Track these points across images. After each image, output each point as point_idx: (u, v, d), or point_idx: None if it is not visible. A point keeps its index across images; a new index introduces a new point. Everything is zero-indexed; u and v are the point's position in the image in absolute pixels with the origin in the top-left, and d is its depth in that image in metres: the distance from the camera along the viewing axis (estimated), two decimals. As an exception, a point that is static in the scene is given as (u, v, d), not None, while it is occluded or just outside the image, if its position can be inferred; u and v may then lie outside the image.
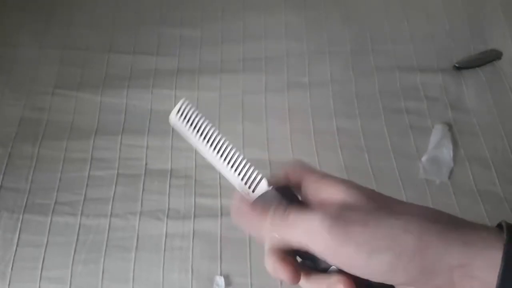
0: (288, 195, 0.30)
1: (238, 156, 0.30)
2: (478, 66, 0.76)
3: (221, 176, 0.65)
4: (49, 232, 0.61)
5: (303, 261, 0.30)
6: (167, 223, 0.61)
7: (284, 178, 0.31)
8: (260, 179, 0.30)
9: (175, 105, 0.78)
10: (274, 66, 0.77)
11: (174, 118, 0.32)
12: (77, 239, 0.60)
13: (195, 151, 0.67)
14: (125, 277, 0.58)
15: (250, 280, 0.57)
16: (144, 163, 0.67)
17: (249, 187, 0.30)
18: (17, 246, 0.60)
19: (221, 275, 0.58)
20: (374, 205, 0.27)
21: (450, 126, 0.69)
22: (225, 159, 0.30)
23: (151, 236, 0.61)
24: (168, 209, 0.63)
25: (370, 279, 0.27)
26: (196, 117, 0.30)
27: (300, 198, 0.30)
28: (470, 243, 0.25)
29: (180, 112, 0.31)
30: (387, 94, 0.73)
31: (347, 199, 0.27)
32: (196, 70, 0.77)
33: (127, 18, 0.84)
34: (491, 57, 0.76)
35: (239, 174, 0.30)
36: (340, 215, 0.26)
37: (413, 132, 0.69)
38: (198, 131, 0.31)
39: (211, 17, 0.83)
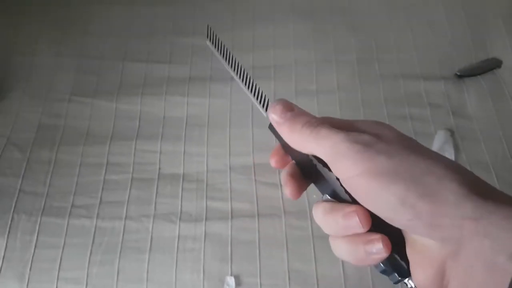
0: None
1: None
2: (479, 74, 0.76)
3: (231, 180, 0.66)
4: (66, 234, 0.62)
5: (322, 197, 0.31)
6: (179, 226, 0.62)
7: None
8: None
9: (187, 112, 0.79)
10: (283, 74, 0.77)
11: (208, 42, 0.35)
12: (93, 241, 0.61)
13: (206, 156, 0.69)
14: (139, 277, 0.59)
15: (260, 280, 0.58)
16: (158, 167, 0.68)
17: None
18: (35, 247, 0.61)
19: (231, 275, 0.58)
20: (404, 143, 0.27)
21: (452, 132, 0.70)
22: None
23: (164, 238, 0.61)
24: (181, 212, 0.64)
25: (378, 213, 0.26)
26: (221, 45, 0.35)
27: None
28: (489, 198, 0.24)
29: (209, 38, 0.35)
30: (391, 101, 0.74)
31: (379, 133, 0.27)
32: (207, 77, 0.77)
33: (140, 28, 0.85)
34: (492, 65, 0.77)
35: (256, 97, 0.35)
36: (369, 143, 0.26)
37: (417, 138, 0.68)
38: (224, 55, 0.36)
39: (222, 27, 0.84)
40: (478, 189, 0.25)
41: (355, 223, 0.27)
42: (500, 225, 0.23)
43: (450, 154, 0.67)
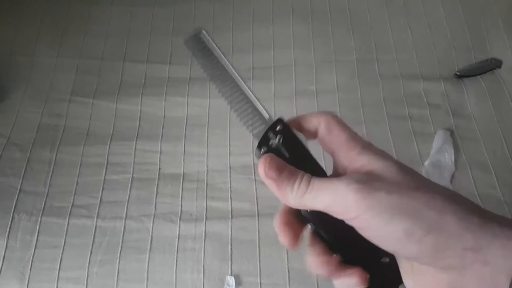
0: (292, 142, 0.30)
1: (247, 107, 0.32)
2: (479, 74, 0.77)
3: (231, 180, 0.66)
4: (66, 234, 0.62)
5: (316, 233, 0.31)
6: (179, 225, 0.63)
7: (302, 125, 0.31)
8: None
9: (187, 112, 0.79)
10: (283, 74, 0.78)
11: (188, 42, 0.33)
12: (93, 241, 0.62)
13: (207, 156, 0.69)
14: (140, 277, 0.59)
15: (260, 280, 0.58)
16: (158, 167, 0.68)
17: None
18: (35, 247, 0.61)
19: (231, 275, 0.59)
20: (403, 178, 0.27)
21: (451, 132, 0.70)
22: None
23: (165, 238, 0.62)
24: (181, 211, 0.64)
25: (383, 247, 0.27)
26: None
27: (306, 147, 0.30)
28: (487, 228, 0.25)
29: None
30: (391, 101, 0.74)
31: (376, 169, 0.28)
32: (207, 78, 0.77)
33: (140, 28, 0.85)
34: (491, 65, 0.77)
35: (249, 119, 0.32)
36: (367, 181, 0.27)
37: (416, 138, 0.70)
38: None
39: (221, 28, 0.84)
40: (477, 219, 0.26)
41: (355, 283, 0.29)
42: (498, 254, 0.24)
43: (449, 154, 0.67)
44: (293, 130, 0.31)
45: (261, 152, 0.30)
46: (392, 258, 0.28)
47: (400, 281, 0.28)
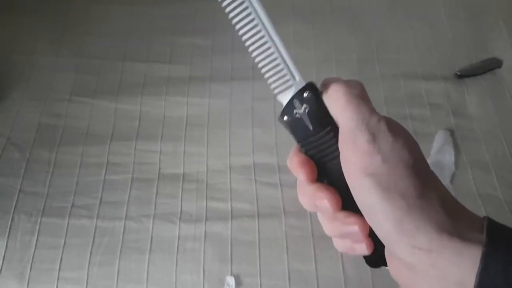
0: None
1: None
2: (480, 74, 0.76)
3: (231, 180, 0.66)
4: (66, 234, 0.62)
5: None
6: (179, 226, 0.62)
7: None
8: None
9: (187, 112, 0.79)
10: (283, 74, 0.77)
11: None
12: (93, 241, 0.61)
13: (207, 156, 0.69)
14: (140, 277, 0.59)
15: (260, 280, 0.58)
16: (158, 167, 0.68)
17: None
18: (35, 248, 0.61)
19: (231, 275, 0.59)
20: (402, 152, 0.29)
21: (452, 132, 0.70)
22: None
23: (164, 238, 0.62)
24: (181, 212, 0.64)
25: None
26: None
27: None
28: (445, 229, 0.25)
29: None
30: (392, 101, 0.74)
31: (394, 129, 0.30)
32: (207, 77, 0.77)
33: (140, 27, 0.85)
34: (492, 65, 0.77)
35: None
36: (377, 136, 0.29)
37: (417, 138, 0.68)
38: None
39: (222, 27, 0.84)
40: (443, 214, 0.26)
41: (355, 231, 0.30)
42: (449, 259, 0.24)
43: (450, 154, 0.67)
44: (323, 100, 0.29)
45: (284, 120, 0.29)
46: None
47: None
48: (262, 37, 0.29)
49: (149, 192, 0.66)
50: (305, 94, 0.29)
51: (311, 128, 0.29)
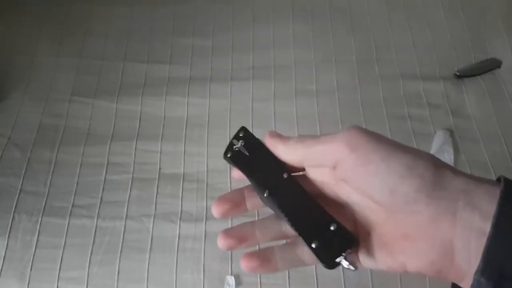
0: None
1: None
2: (479, 74, 0.77)
3: (231, 180, 0.66)
4: (66, 234, 0.62)
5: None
6: (180, 225, 0.63)
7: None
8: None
9: (187, 112, 0.79)
10: (283, 74, 0.78)
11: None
12: (94, 241, 0.62)
13: (207, 156, 0.69)
14: (140, 277, 0.59)
15: (260, 280, 0.58)
16: (158, 167, 0.68)
17: None
18: (36, 247, 0.61)
19: (231, 275, 0.59)
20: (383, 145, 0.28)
21: (451, 132, 0.70)
22: None
23: (165, 238, 0.62)
24: (181, 211, 0.64)
25: (379, 189, 0.27)
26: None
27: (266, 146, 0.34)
28: (471, 178, 0.27)
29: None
30: (391, 101, 0.74)
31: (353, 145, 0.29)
32: (207, 78, 0.78)
33: (141, 28, 0.85)
34: (491, 65, 0.77)
35: None
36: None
37: (416, 138, 0.70)
38: None
39: (222, 28, 0.84)
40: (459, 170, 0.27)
41: None
42: (484, 198, 0.25)
43: (449, 154, 0.67)
44: (252, 134, 0.35)
45: (228, 156, 0.34)
46: (339, 225, 0.29)
47: (347, 247, 0.29)
48: None
49: (150, 192, 0.66)
50: (240, 134, 0.35)
51: (247, 154, 0.34)
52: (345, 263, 0.29)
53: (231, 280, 0.58)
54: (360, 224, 0.30)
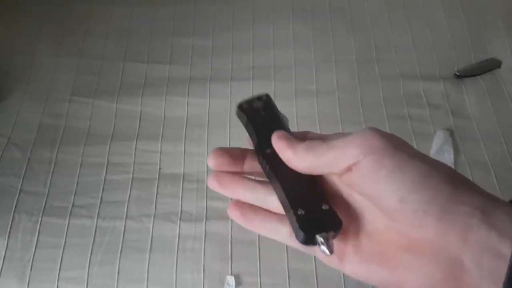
0: None
1: None
2: (479, 74, 0.77)
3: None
4: (66, 234, 0.62)
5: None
6: (180, 225, 0.63)
7: None
8: None
9: (187, 112, 0.79)
10: (283, 74, 0.78)
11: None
12: (94, 241, 0.62)
13: (207, 156, 0.69)
14: (140, 277, 0.59)
15: (260, 279, 0.58)
16: (158, 167, 0.68)
17: None
18: (36, 247, 0.61)
19: (231, 275, 0.59)
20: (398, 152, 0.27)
21: (451, 132, 0.70)
22: None
23: (165, 238, 0.62)
24: (181, 211, 0.64)
25: (390, 195, 0.26)
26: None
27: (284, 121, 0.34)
28: (489, 197, 0.25)
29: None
30: (391, 101, 0.74)
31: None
32: (207, 78, 0.78)
33: (141, 28, 0.85)
34: (491, 65, 0.77)
35: None
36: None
37: (416, 138, 0.70)
38: None
39: (222, 28, 0.84)
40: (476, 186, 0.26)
41: None
42: (502, 218, 0.24)
43: (449, 154, 0.67)
44: (274, 103, 0.35)
45: (243, 107, 0.34)
46: (331, 208, 0.28)
47: (331, 228, 0.28)
48: None
49: (150, 192, 0.66)
50: (263, 98, 0.35)
51: (263, 114, 0.34)
52: (321, 242, 0.27)
53: (231, 280, 0.58)
54: (357, 224, 0.29)
